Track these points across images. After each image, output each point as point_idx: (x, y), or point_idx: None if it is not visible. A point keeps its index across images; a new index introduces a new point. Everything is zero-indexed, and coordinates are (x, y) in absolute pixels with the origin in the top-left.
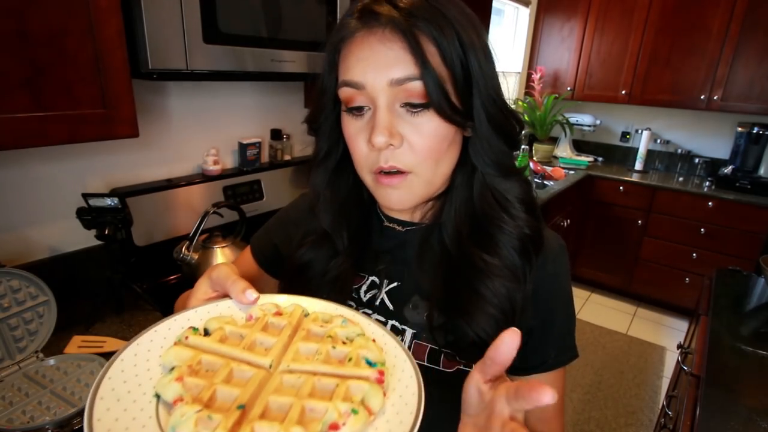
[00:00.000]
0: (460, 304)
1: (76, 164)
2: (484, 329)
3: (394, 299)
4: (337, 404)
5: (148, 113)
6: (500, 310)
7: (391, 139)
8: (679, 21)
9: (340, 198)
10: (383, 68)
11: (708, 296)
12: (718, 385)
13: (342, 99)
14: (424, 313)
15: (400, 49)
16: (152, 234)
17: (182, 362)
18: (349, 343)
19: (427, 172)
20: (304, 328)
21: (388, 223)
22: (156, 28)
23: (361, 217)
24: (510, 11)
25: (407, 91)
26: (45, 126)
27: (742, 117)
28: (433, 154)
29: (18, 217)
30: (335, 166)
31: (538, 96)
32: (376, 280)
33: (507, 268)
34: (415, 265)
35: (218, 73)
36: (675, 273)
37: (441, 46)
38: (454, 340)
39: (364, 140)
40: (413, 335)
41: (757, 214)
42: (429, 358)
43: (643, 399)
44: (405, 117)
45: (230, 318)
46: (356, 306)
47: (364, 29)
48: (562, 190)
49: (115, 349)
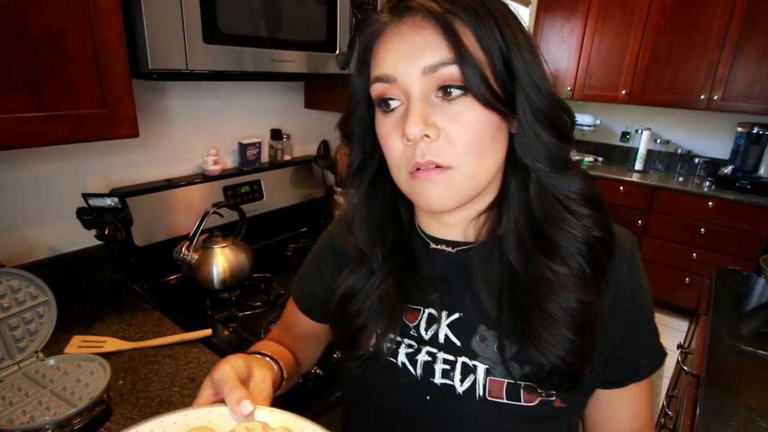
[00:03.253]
0: (530, 329)
1: (76, 164)
2: (559, 355)
3: (458, 333)
4: None
5: (148, 113)
6: (576, 330)
7: (427, 129)
8: (679, 21)
9: (376, 214)
10: (415, 56)
11: (708, 296)
12: (718, 385)
13: (374, 97)
14: (494, 344)
15: (432, 34)
16: (152, 234)
17: None
18: None
19: (470, 167)
20: None
21: (435, 246)
22: (156, 28)
23: (397, 235)
24: None
25: (442, 77)
26: (45, 126)
27: (742, 117)
28: (475, 145)
29: (18, 217)
30: (371, 179)
31: None
32: (434, 313)
33: (577, 278)
34: (478, 291)
35: (218, 73)
36: (675, 273)
37: (477, 31)
38: (532, 371)
39: (398, 137)
40: (486, 371)
41: (757, 214)
42: (508, 395)
43: None
44: (441, 106)
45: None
46: (419, 343)
47: (395, 20)
48: None
49: (115, 349)
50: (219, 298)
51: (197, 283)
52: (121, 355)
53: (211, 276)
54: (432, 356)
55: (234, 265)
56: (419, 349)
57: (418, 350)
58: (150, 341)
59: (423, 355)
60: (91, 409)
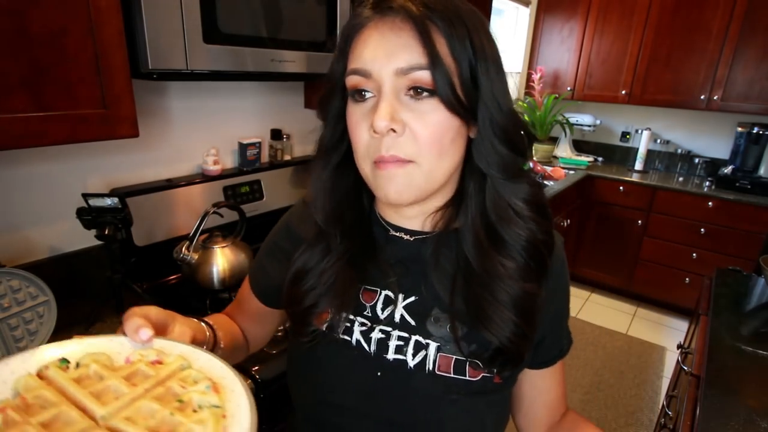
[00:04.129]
0: (481, 313)
1: (76, 164)
2: (506, 336)
3: (413, 314)
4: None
5: (148, 113)
6: (521, 315)
7: (393, 123)
8: (679, 21)
9: (338, 196)
10: (391, 56)
11: (708, 296)
12: (718, 385)
13: (349, 86)
14: (446, 325)
15: (409, 37)
16: (152, 234)
17: (25, 391)
18: (196, 412)
19: (429, 163)
20: (165, 385)
21: (395, 233)
22: (156, 28)
23: (357, 219)
24: (510, 11)
25: (413, 79)
26: (45, 126)
27: (742, 117)
28: (436, 145)
29: (18, 217)
30: (338, 163)
31: (538, 96)
32: (391, 294)
33: (523, 270)
34: (434, 276)
35: (218, 73)
36: (675, 273)
37: (451, 41)
38: (478, 349)
39: (366, 128)
40: (437, 348)
41: (757, 214)
42: (455, 369)
43: (643, 399)
44: (409, 104)
45: (107, 356)
46: (372, 322)
47: (376, 17)
48: (562, 190)
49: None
50: (219, 298)
51: (197, 283)
52: None
53: (211, 276)
54: (386, 334)
55: (234, 265)
56: (372, 327)
57: (371, 328)
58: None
59: (377, 333)
60: None
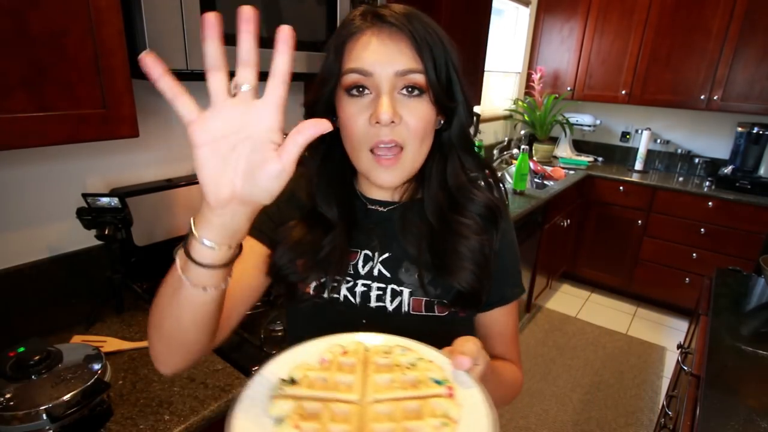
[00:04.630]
0: (444, 263)
1: (76, 164)
2: (465, 280)
3: (388, 267)
4: (429, 421)
5: (148, 113)
6: (476, 264)
7: (394, 116)
8: (679, 21)
9: (327, 179)
10: (390, 60)
11: (708, 296)
12: (718, 385)
13: (345, 83)
14: (415, 273)
15: (405, 46)
16: (152, 234)
17: (290, 411)
18: (413, 367)
19: (415, 149)
20: (372, 362)
21: (371, 206)
22: (156, 28)
23: (345, 197)
24: (510, 11)
25: (409, 80)
26: (45, 126)
27: (742, 117)
28: (421, 132)
29: (18, 217)
30: (325, 151)
31: (538, 96)
32: (369, 253)
33: (478, 227)
34: (402, 237)
35: None
36: (675, 273)
37: (435, 50)
38: (443, 292)
39: (364, 119)
40: (410, 293)
41: (757, 214)
42: (426, 308)
43: (643, 399)
44: (402, 100)
45: (307, 364)
46: (355, 278)
47: (373, 27)
48: (562, 190)
49: (115, 349)
50: None
51: None
52: (121, 355)
53: None
54: (367, 287)
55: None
56: (356, 283)
57: (354, 284)
58: None
59: (360, 287)
60: (89, 395)
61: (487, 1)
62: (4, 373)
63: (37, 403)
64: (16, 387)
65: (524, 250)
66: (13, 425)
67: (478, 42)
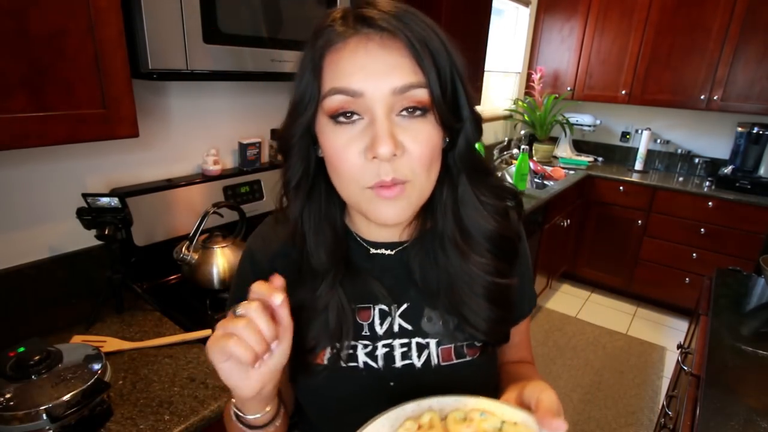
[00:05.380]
0: (465, 307)
1: (76, 164)
2: (484, 324)
3: (409, 320)
4: None
5: (148, 113)
6: (496, 304)
7: (396, 149)
8: (679, 21)
9: (314, 220)
10: (384, 75)
11: (708, 296)
12: (718, 385)
13: (328, 108)
14: (439, 321)
15: (400, 55)
16: (152, 234)
17: None
18: None
19: (422, 180)
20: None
21: (375, 250)
22: (156, 28)
23: (335, 241)
24: (510, 11)
25: (409, 98)
26: (45, 126)
27: (742, 117)
28: (427, 160)
29: (18, 217)
30: (308, 189)
31: (538, 96)
32: (385, 307)
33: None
34: (420, 282)
35: (218, 73)
36: (675, 273)
37: (436, 56)
38: (470, 334)
39: (357, 152)
40: (437, 343)
41: (757, 214)
42: (457, 356)
43: (643, 399)
44: (402, 124)
45: None
46: (374, 340)
47: (358, 34)
48: (562, 190)
49: (115, 349)
50: (219, 298)
51: (197, 283)
52: (121, 355)
53: (211, 276)
54: (388, 347)
55: (234, 265)
56: (375, 346)
57: (375, 347)
58: (150, 341)
59: (381, 349)
60: (89, 395)
61: (487, 1)
62: (4, 373)
63: (37, 403)
64: (16, 387)
65: None
66: (13, 425)
67: (478, 42)
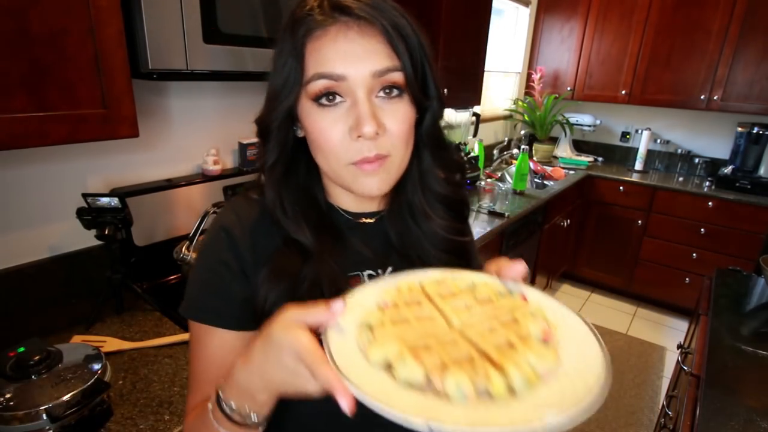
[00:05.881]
0: (436, 263)
1: (76, 164)
2: None
3: None
4: (533, 323)
5: (148, 113)
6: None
7: (378, 127)
8: (679, 21)
9: (294, 198)
10: (364, 60)
11: (708, 296)
12: (718, 385)
13: (312, 91)
14: None
15: (377, 42)
16: (152, 234)
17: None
18: (475, 288)
19: (400, 154)
20: (434, 293)
21: (358, 220)
22: (156, 28)
23: (319, 215)
24: (510, 11)
25: (387, 80)
26: (45, 126)
27: (742, 117)
28: (405, 136)
29: (18, 217)
30: (284, 170)
31: (538, 96)
32: (373, 273)
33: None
34: (400, 246)
35: (218, 73)
36: (675, 273)
37: (408, 41)
38: None
39: (341, 131)
40: None
41: (757, 214)
42: None
43: (643, 399)
44: (382, 105)
45: (370, 313)
46: None
47: (337, 23)
48: (562, 190)
49: (115, 349)
50: None
51: None
52: (121, 355)
53: None
54: None
55: None
56: None
57: None
58: (150, 341)
59: None
60: (89, 395)
61: (487, 1)
62: (4, 373)
63: (37, 403)
64: (16, 387)
65: (524, 250)
66: (13, 425)
67: (478, 42)
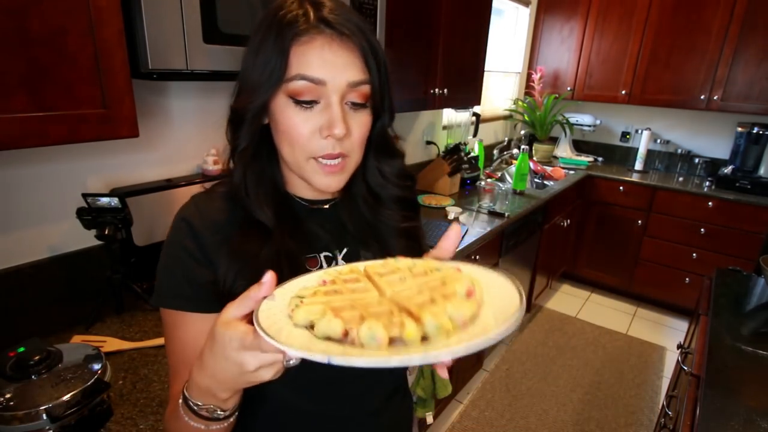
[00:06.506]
0: (388, 245)
1: (76, 164)
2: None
3: (350, 260)
4: (459, 284)
5: (148, 113)
6: (412, 240)
7: (346, 130)
8: (679, 21)
9: (256, 179)
10: (343, 70)
11: (708, 296)
12: (718, 385)
13: (292, 90)
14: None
15: (355, 56)
16: (152, 234)
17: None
18: (414, 266)
19: (357, 155)
20: (374, 272)
21: (314, 206)
22: (156, 28)
23: (279, 200)
24: (510, 11)
25: (358, 92)
26: (45, 126)
27: (742, 117)
28: (362, 140)
29: (18, 217)
30: (252, 155)
31: (538, 96)
32: (329, 254)
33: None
34: (352, 229)
35: (218, 73)
36: (675, 273)
37: (376, 58)
38: None
39: (311, 128)
40: None
41: (757, 214)
42: None
43: (643, 399)
44: (349, 111)
45: (309, 288)
46: None
47: (323, 33)
48: (562, 190)
49: (115, 349)
50: None
51: None
52: (121, 355)
53: None
54: None
55: None
56: None
57: None
58: (150, 341)
59: None
60: (89, 395)
61: (487, 1)
62: (4, 373)
63: (37, 403)
64: (16, 387)
65: (524, 250)
66: (13, 425)
67: (478, 42)
